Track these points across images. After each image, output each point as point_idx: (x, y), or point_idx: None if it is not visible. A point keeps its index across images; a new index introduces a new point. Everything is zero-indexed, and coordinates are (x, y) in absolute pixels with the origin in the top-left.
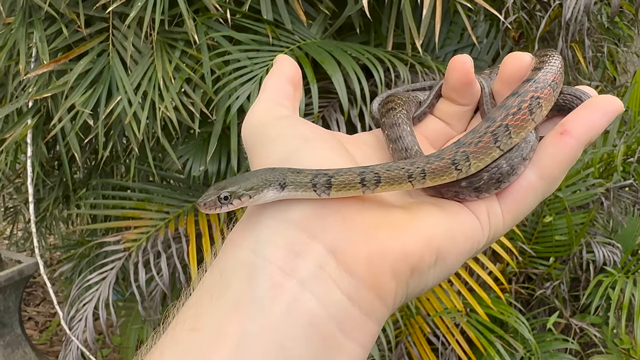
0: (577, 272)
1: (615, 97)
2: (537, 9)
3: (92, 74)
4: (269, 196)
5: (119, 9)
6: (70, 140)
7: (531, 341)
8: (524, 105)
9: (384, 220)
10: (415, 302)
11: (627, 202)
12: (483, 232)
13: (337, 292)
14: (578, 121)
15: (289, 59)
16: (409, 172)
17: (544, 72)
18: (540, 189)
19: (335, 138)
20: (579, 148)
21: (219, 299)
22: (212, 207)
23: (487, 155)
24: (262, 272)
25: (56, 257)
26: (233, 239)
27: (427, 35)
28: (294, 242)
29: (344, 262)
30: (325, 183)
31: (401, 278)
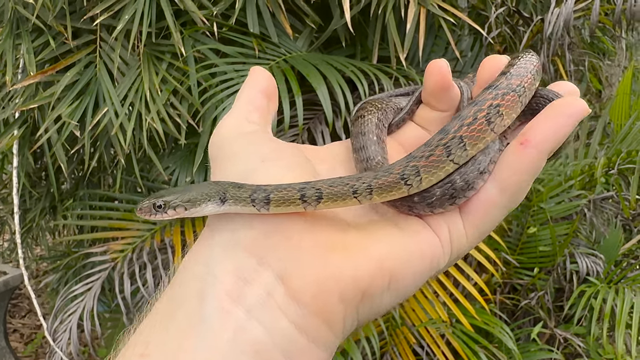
0: (562, 282)
1: (578, 99)
2: (520, 24)
3: (79, 86)
4: (209, 209)
5: (107, 22)
6: (57, 151)
7: (515, 351)
8: (480, 115)
9: (335, 242)
10: (400, 312)
11: (609, 213)
12: (444, 250)
13: (283, 320)
14: (538, 129)
15: (263, 70)
16: (354, 188)
17: (507, 77)
18: (502, 203)
19: (298, 154)
20: (540, 158)
21: (169, 325)
22: (146, 213)
23: (440, 169)
24: (210, 297)
25: (43, 268)
26: (185, 264)
27: (412, 48)
28: (242, 267)
29: (292, 289)
30: (264, 199)
31: (350, 303)
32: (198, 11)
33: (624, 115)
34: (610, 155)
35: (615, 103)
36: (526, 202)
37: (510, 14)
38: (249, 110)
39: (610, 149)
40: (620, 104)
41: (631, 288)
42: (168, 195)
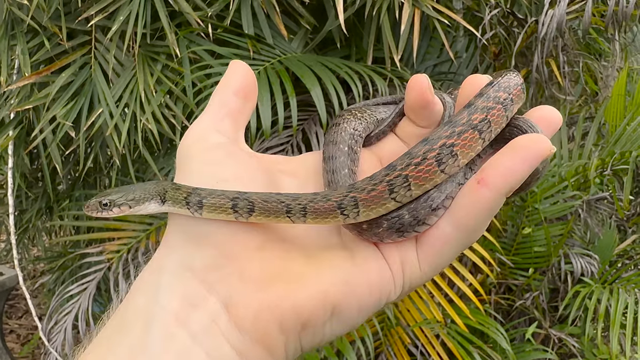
0: (556, 283)
1: (542, 138)
2: (515, 25)
3: (74, 86)
4: (151, 208)
5: (102, 23)
6: (52, 151)
7: (509, 351)
8: (430, 155)
9: (281, 272)
10: (395, 312)
11: (603, 214)
12: (395, 282)
13: (226, 347)
14: (496, 169)
15: (241, 65)
16: (288, 207)
17: (470, 111)
18: (457, 240)
19: (260, 174)
20: (496, 199)
21: (116, 347)
22: (93, 211)
23: (380, 205)
24: (157, 321)
25: (40, 268)
26: (138, 284)
27: (407, 50)
28: (191, 293)
29: (236, 316)
30: (198, 203)
31: (291, 333)
32: (193, 12)
33: (618, 117)
34: (604, 156)
35: (610, 104)
36: (521, 202)
37: (505, 16)
38: (220, 116)
39: (604, 150)
40: (615, 105)
41: (625, 288)
42: (114, 194)
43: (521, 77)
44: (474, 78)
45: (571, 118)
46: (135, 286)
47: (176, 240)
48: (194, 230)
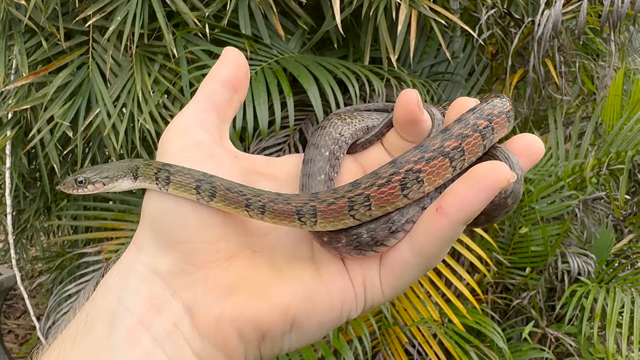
0: (553, 282)
1: (499, 167)
2: (512, 26)
3: (71, 86)
4: (125, 185)
5: (99, 23)
6: (50, 151)
7: (505, 350)
8: (395, 179)
9: (246, 282)
10: (392, 311)
11: (600, 213)
12: (357, 301)
13: (188, 352)
14: (453, 197)
15: (234, 54)
16: (248, 202)
17: (444, 137)
18: (416, 266)
19: (237, 175)
20: (453, 229)
21: (80, 345)
22: (69, 188)
23: (338, 220)
24: (122, 322)
25: (38, 268)
26: (107, 281)
27: (405, 50)
28: (156, 297)
29: (197, 323)
30: (166, 179)
31: (250, 343)
32: (190, 13)
33: (615, 117)
34: (600, 156)
35: (607, 104)
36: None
37: (502, 16)
38: (205, 108)
39: (601, 150)
40: (611, 105)
41: (622, 288)
42: (89, 172)
43: (509, 104)
44: (461, 101)
45: (568, 118)
46: (104, 285)
47: (146, 240)
48: (163, 232)
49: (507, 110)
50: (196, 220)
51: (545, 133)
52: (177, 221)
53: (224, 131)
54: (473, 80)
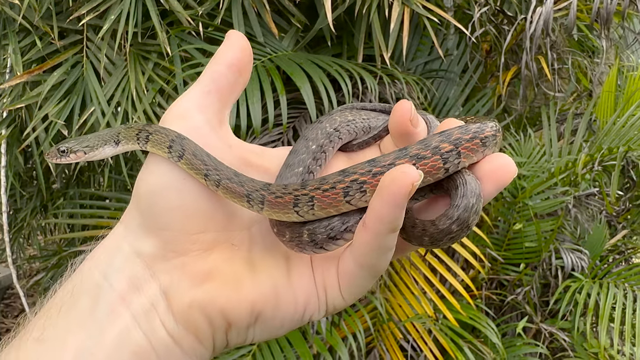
0: (547, 277)
1: (398, 175)
2: (505, 23)
3: (66, 85)
4: (107, 152)
5: (93, 22)
6: (45, 150)
7: (498, 346)
8: (339, 186)
9: (220, 273)
10: (387, 307)
11: (594, 209)
12: (319, 303)
13: (162, 331)
14: (371, 212)
15: (239, 37)
16: (207, 171)
17: (398, 154)
18: (362, 275)
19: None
20: (378, 241)
21: (66, 314)
22: (53, 157)
23: (283, 213)
24: (105, 297)
25: (36, 267)
26: (94, 255)
27: (399, 47)
28: (137, 276)
29: (172, 305)
30: (145, 137)
31: (218, 328)
32: (184, 11)
33: (609, 113)
34: (593, 152)
35: (601, 101)
36: (511, 198)
37: (495, 14)
38: (209, 91)
39: (592, 146)
40: (605, 102)
41: (615, 283)
42: (71, 142)
43: (489, 129)
44: (449, 122)
45: (563, 115)
46: (91, 259)
47: (133, 222)
48: (149, 217)
49: (484, 136)
50: (180, 212)
51: (540, 130)
52: (162, 210)
53: (224, 116)
54: (467, 78)
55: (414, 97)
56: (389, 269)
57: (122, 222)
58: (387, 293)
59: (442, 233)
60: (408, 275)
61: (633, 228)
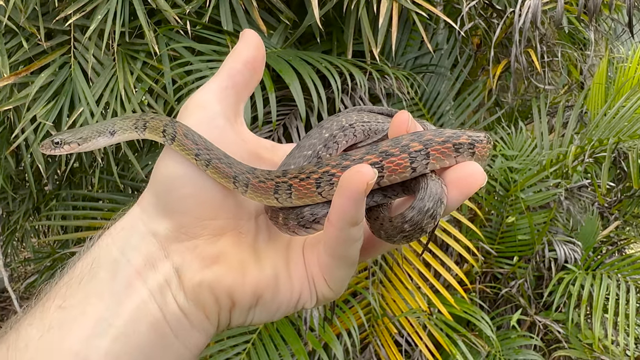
0: (541, 270)
1: (354, 174)
2: (494, 17)
3: (54, 86)
4: (101, 142)
5: (80, 22)
6: (34, 152)
7: (493, 338)
8: (313, 177)
9: (228, 257)
10: (381, 303)
11: (586, 201)
12: (311, 293)
13: (174, 306)
14: (333, 208)
15: (254, 36)
16: (198, 151)
17: (369, 149)
18: (338, 267)
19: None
20: (343, 234)
21: (86, 285)
22: (47, 149)
23: (264, 197)
24: (123, 272)
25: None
26: (112, 232)
27: (388, 43)
28: (153, 255)
29: (183, 283)
30: (143, 125)
31: (223, 307)
32: (171, 10)
33: (600, 105)
34: (584, 144)
35: (592, 92)
36: (504, 192)
37: (484, 7)
38: (226, 86)
39: (583, 138)
40: (596, 94)
41: (608, 274)
42: (65, 134)
43: (466, 137)
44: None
45: (554, 107)
46: (109, 235)
47: (149, 204)
48: (164, 201)
49: (458, 142)
50: (193, 199)
51: (531, 123)
52: (177, 196)
53: (240, 110)
54: (457, 72)
55: (404, 92)
56: (382, 265)
57: (138, 203)
58: (381, 288)
59: (396, 230)
60: (402, 270)
61: (625, 219)
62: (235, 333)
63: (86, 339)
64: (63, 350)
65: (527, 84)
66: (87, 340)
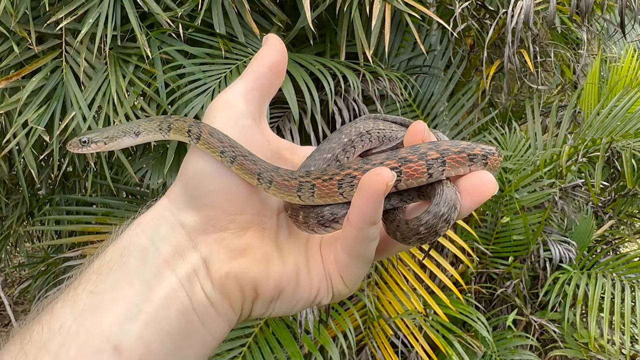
0: (536, 270)
1: (374, 177)
2: (487, 18)
3: (45, 90)
4: (126, 142)
5: (71, 26)
6: (26, 156)
7: (488, 339)
8: (336, 178)
9: (253, 250)
10: (377, 305)
11: (580, 200)
12: (328, 292)
13: (202, 294)
14: (352, 208)
15: (277, 41)
16: (223, 149)
17: (389, 155)
18: (355, 265)
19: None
20: (361, 234)
21: (117, 272)
22: (74, 147)
23: (286, 194)
24: (152, 260)
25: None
26: (141, 222)
27: (382, 44)
28: (181, 245)
29: (211, 273)
30: (167, 127)
31: (247, 298)
32: (163, 13)
33: (593, 105)
34: (577, 144)
35: (585, 92)
36: (498, 192)
37: (477, 8)
38: (252, 87)
39: (577, 138)
40: (589, 94)
41: (603, 273)
42: (92, 133)
43: (479, 149)
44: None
45: (548, 107)
46: (137, 225)
47: (178, 197)
48: (194, 194)
49: (473, 153)
50: (222, 194)
51: (525, 123)
52: (206, 191)
53: (263, 111)
54: (450, 73)
55: (398, 93)
56: (378, 267)
57: (167, 196)
58: (377, 290)
59: (412, 232)
60: (397, 272)
61: (620, 218)
62: (232, 336)
63: (118, 323)
64: (96, 334)
65: (521, 85)
66: (119, 325)
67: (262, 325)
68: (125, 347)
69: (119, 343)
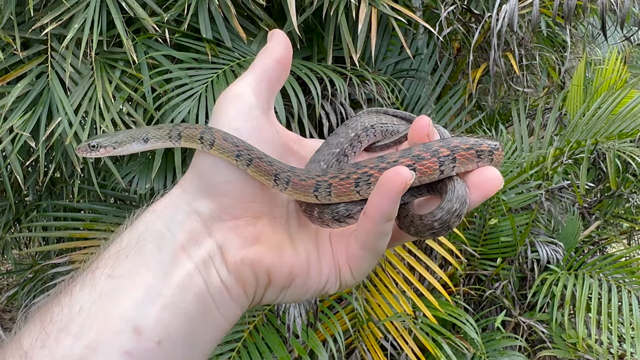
0: (524, 271)
1: (394, 175)
2: (472, 21)
3: (31, 96)
4: (134, 148)
5: (57, 31)
6: (12, 162)
7: (477, 340)
8: (352, 177)
9: (266, 238)
10: (366, 308)
11: (566, 202)
12: (336, 281)
13: (217, 279)
14: (370, 203)
15: (282, 36)
16: (239, 152)
17: (403, 153)
18: (366, 257)
19: (275, 152)
20: (377, 228)
21: (134, 257)
22: (84, 151)
23: (303, 194)
24: (168, 245)
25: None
26: (155, 209)
27: (369, 48)
28: (197, 232)
29: (226, 259)
30: (177, 135)
31: (261, 284)
32: (149, 18)
33: (578, 107)
34: (562, 146)
35: (571, 94)
36: None
37: (463, 12)
38: (261, 79)
39: (562, 139)
40: (574, 96)
41: (590, 273)
42: (101, 137)
43: (487, 145)
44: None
45: (534, 110)
46: (152, 212)
47: (192, 186)
48: (210, 183)
49: (481, 149)
50: (237, 183)
51: (512, 125)
52: (222, 181)
53: (271, 103)
54: (437, 76)
55: (385, 97)
56: None
57: (179, 185)
58: (366, 293)
59: (426, 227)
60: (386, 274)
61: (606, 219)
62: (221, 341)
63: (137, 306)
64: (115, 316)
65: (508, 87)
66: (138, 308)
67: (252, 330)
68: (144, 329)
69: (139, 325)
